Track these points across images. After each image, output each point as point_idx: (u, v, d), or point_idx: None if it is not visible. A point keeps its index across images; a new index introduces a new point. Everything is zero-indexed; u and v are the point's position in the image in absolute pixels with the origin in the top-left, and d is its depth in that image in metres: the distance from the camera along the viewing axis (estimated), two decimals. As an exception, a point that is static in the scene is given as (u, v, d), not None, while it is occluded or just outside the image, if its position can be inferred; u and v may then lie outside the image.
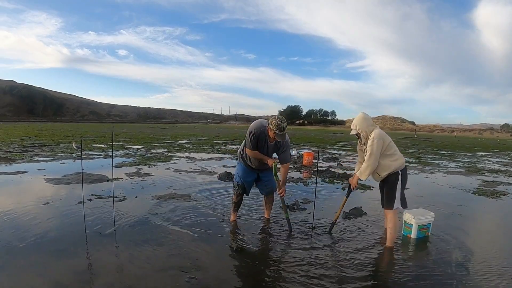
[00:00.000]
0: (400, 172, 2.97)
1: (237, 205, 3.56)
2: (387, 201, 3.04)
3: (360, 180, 3.09)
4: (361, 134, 3.01)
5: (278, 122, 2.93)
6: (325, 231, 3.40)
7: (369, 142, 2.94)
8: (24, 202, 4.04)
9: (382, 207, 3.15)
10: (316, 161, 4.28)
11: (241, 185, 3.43)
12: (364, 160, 3.02)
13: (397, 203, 2.99)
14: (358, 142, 3.16)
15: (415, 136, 41.27)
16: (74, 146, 9.91)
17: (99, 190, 4.77)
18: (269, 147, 3.19)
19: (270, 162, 3.19)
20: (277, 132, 2.93)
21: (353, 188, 3.20)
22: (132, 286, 2.20)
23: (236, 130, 36.84)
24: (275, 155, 3.34)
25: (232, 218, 3.60)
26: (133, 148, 11.49)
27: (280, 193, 3.23)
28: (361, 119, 3.02)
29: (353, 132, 3.09)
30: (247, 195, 3.58)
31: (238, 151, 3.49)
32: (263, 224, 3.59)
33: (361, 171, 2.99)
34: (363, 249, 3.02)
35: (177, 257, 2.66)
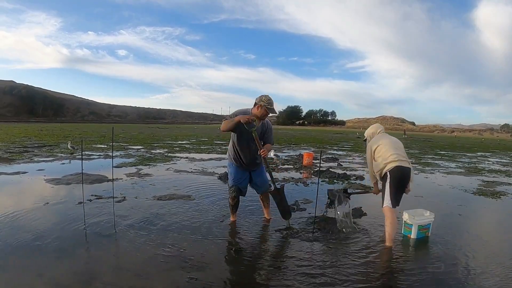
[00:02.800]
0: (388, 174, 3.08)
1: (234, 207, 3.53)
2: (382, 198, 3.19)
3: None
4: (367, 140, 3.47)
5: (268, 98, 3.09)
6: (325, 231, 3.40)
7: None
8: (24, 202, 4.04)
9: None
10: (319, 161, 4.30)
11: (235, 188, 3.38)
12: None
13: (386, 201, 3.08)
14: None
15: (404, 136, 40.07)
16: (68, 146, 9.82)
17: (99, 191, 4.76)
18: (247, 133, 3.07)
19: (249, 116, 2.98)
20: (269, 106, 3.04)
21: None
22: (132, 286, 2.20)
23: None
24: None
25: (232, 219, 3.59)
26: (133, 149, 11.49)
27: (262, 153, 3.06)
28: (369, 128, 3.55)
29: (364, 139, 3.57)
30: (244, 195, 3.54)
31: (227, 152, 3.45)
32: (263, 224, 3.59)
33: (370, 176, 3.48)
34: (363, 249, 3.02)
35: (177, 257, 2.66)
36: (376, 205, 3.65)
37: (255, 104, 3.11)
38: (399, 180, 3.06)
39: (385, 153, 3.14)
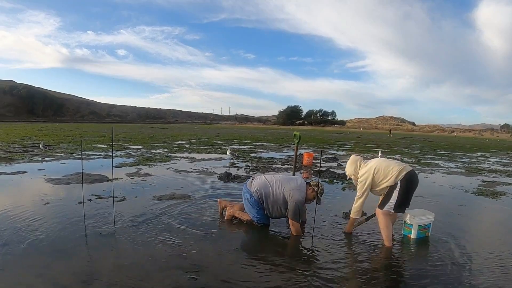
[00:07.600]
0: (398, 183, 3.04)
1: None
2: (381, 202, 3.16)
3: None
4: (353, 178, 3.30)
5: (323, 189, 3.46)
6: (325, 231, 3.40)
7: (358, 185, 3.23)
8: (24, 202, 4.04)
9: None
10: (319, 161, 4.31)
11: (265, 224, 3.52)
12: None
13: (389, 206, 3.07)
14: None
15: (390, 135, 38.57)
16: (40, 146, 9.74)
17: (99, 190, 4.76)
18: None
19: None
20: (320, 196, 3.39)
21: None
22: (132, 286, 2.20)
23: (236, 131, 36.76)
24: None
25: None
26: (133, 148, 11.49)
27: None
28: (348, 165, 3.33)
29: (348, 178, 3.40)
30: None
31: (262, 200, 3.41)
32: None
33: (353, 211, 3.24)
34: (363, 249, 3.02)
35: (178, 257, 2.66)
36: (376, 205, 3.64)
37: (310, 184, 3.43)
38: (410, 184, 3.07)
39: (387, 167, 3.10)
